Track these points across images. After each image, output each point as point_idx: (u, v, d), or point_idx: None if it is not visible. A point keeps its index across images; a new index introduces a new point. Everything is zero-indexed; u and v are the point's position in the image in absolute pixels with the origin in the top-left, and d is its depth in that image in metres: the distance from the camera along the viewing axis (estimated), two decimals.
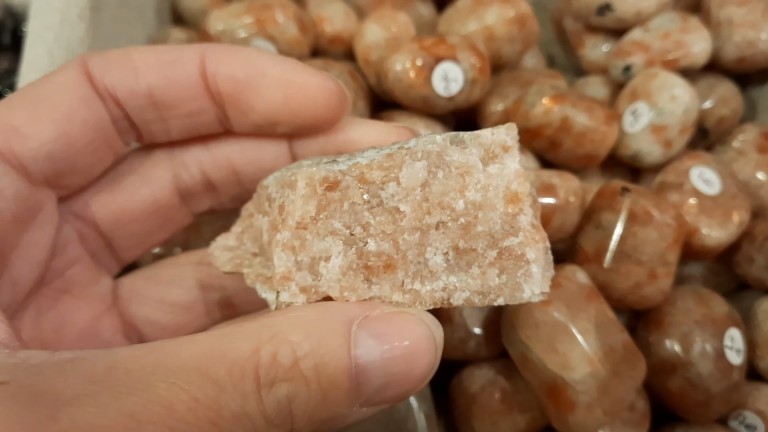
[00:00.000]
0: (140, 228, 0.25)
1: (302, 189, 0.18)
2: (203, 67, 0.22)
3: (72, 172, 0.22)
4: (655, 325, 0.33)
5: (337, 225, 0.18)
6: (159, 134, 0.24)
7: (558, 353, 0.28)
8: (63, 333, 0.23)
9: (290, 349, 0.16)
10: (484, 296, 0.19)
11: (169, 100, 0.23)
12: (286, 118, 0.23)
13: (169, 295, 0.26)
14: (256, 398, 0.15)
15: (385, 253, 0.18)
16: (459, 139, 0.18)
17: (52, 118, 0.20)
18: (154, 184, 0.24)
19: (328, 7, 0.44)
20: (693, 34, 0.41)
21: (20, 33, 0.52)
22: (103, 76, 0.22)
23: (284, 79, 0.22)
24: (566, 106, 0.36)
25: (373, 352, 0.16)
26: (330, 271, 0.18)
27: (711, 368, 0.31)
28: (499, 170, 0.18)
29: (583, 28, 0.46)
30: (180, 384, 0.15)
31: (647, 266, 0.31)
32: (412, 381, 0.17)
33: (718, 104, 0.42)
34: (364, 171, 0.18)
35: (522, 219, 0.18)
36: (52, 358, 0.15)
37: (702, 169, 0.36)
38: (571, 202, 0.33)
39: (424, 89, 0.36)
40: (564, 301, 0.29)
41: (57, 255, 0.23)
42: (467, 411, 0.33)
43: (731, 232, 0.35)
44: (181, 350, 0.16)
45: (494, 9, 0.40)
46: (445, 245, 0.18)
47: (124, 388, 0.14)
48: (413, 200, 0.18)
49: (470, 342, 0.33)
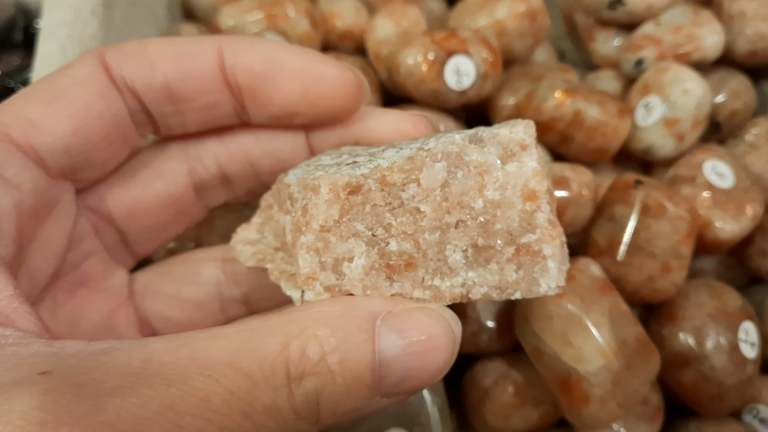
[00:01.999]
0: (155, 222, 0.25)
1: (326, 194, 0.18)
2: (221, 60, 0.22)
3: (88, 165, 0.22)
4: (669, 319, 0.33)
5: (360, 227, 0.18)
6: (175, 127, 0.24)
7: (572, 346, 0.28)
8: (78, 325, 0.23)
9: (318, 344, 0.16)
10: (501, 291, 0.19)
11: (187, 93, 0.23)
12: (305, 110, 0.23)
13: (184, 292, 0.26)
14: (287, 391, 0.16)
15: (406, 252, 0.19)
16: (478, 138, 0.19)
17: (69, 113, 0.20)
18: (168, 178, 0.24)
19: (338, 3, 0.44)
20: (705, 28, 0.41)
21: (32, 30, 0.53)
22: (121, 69, 0.22)
23: (303, 70, 0.22)
24: (578, 99, 0.36)
25: (395, 347, 0.17)
26: (353, 271, 0.18)
27: (725, 362, 0.31)
28: (517, 168, 0.19)
29: (594, 22, 0.46)
30: (215, 377, 0.15)
31: (660, 259, 0.31)
32: (429, 374, 0.18)
33: (731, 98, 0.42)
34: (385, 174, 0.18)
35: (539, 216, 0.19)
36: (88, 348, 0.16)
37: (715, 163, 0.36)
38: (584, 195, 0.33)
39: (436, 83, 0.36)
40: (578, 293, 0.29)
41: (73, 248, 0.23)
42: (480, 404, 0.33)
43: (744, 225, 0.35)
44: (212, 345, 0.16)
45: (505, 4, 0.40)
46: (464, 243, 0.19)
47: (162, 380, 0.15)
48: (433, 200, 0.18)
49: (483, 336, 0.33)
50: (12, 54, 0.52)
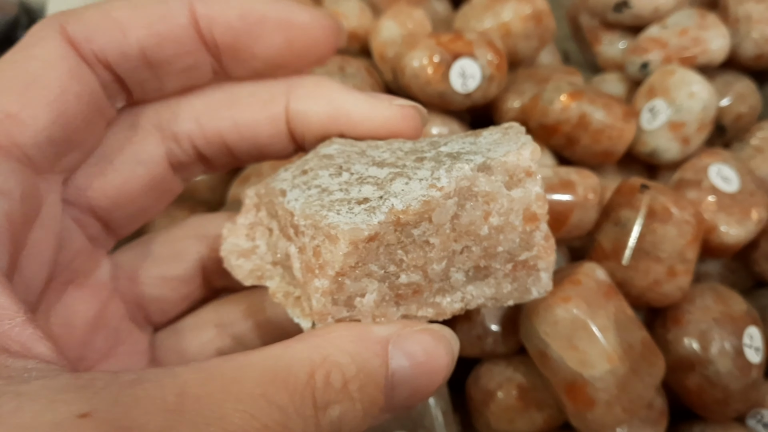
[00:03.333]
0: (138, 207, 0.24)
1: (344, 247, 0.18)
2: (194, 18, 0.21)
3: (71, 149, 0.21)
4: (674, 323, 0.33)
5: (373, 268, 0.19)
6: (152, 92, 0.23)
7: (577, 350, 0.28)
8: (73, 326, 0.23)
9: (340, 372, 0.17)
10: (497, 300, 0.20)
11: (163, 57, 0.22)
12: (289, 61, 0.23)
13: (171, 271, 0.26)
14: (315, 421, 0.16)
15: (415, 282, 0.19)
16: (486, 166, 0.19)
17: (46, 100, 0.19)
18: (148, 162, 0.24)
19: (343, 3, 0.44)
20: (711, 31, 0.41)
21: None
22: (90, 42, 0.20)
23: (285, 21, 0.22)
24: (584, 102, 0.36)
25: (405, 370, 0.18)
26: (365, 304, 0.19)
27: (730, 366, 0.31)
28: (521, 194, 0.19)
29: (599, 24, 0.46)
30: (251, 412, 0.15)
31: (666, 263, 0.31)
32: (430, 390, 0.19)
33: (736, 101, 0.41)
34: (400, 216, 0.18)
35: (537, 235, 0.20)
36: (118, 380, 0.15)
37: (720, 167, 0.36)
38: (589, 198, 0.32)
39: (442, 85, 0.36)
40: (583, 298, 0.29)
41: (63, 247, 0.23)
42: (484, 408, 0.33)
43: (750, 229, 0.35)
44: (243, 376, 0.16)
45: (510, 5, 0.40)
46: (467, 266, 0.20)
47: (200, 418, 0.15)
48: (443, 233, 0.19)
49: (488, 339, 0.33)
50: None
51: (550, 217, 0.20)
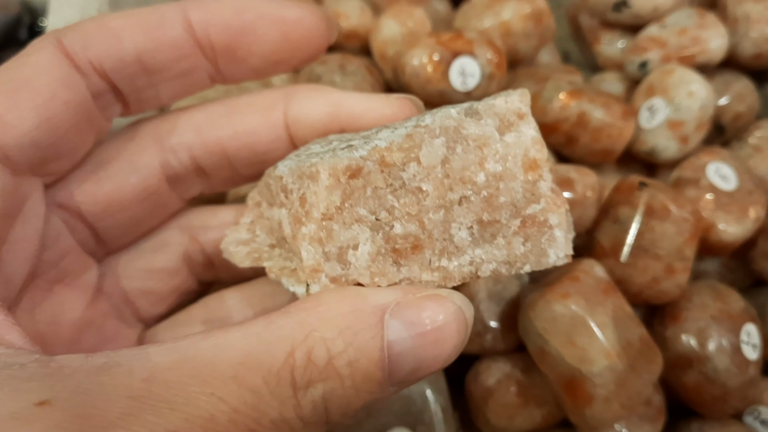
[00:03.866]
0: (129, 216, 0.24)
1: (325, 180, 0.18)
2: (188, 23, 0.22)
3: (57, 156, 0.21)
4: (672, 320, 0.33)
5: (363, 212, 0.18)
6: (149, 100, 0.23)
7: (576, 346, 0.28)
8: (59, 324, 0.23)
9: (324, 348, 0.16)
10: (510, 265, 0.19)
11: (159, 63, 0.22)
12: (285, 56, 0.23)
13: (156, 263, 0.26)
14: (293, 402, 0.16)
15: (411, 234, 0.18)
16: (473, 111, 0.18)
17: (33, 104, 0.20)
18: (142, 172, 0.24)
19: (344, 2, 0.44)
20: (710, 30, 0.41)
21: (37, 28, 0.53)
22: (86, 50, 0.21)
23: (278, 16, 0.22)
24: (583, 101, 0.36)
25: (406, 341, 0.17)
26: (359, 258, 0.18)
27: (727, 363, 0.31)
28: (516, 138, 0.18)
29: (598, 24, 0.46)
30: (219, 395, 0.15)
31: (664, 261, 0.32)
32: (440, 361, 0.17)
33: (735, 100, 0.42)
34: (384, 154, 0.18)
35: (542, 185, 0.19)
36: (86, 365, 0.15)
37: (718, 165, 0.36)
38: (588, 196, 0.33)
39: (441, 84, 0.36)
40: (582, 294, 0.29)
41: (48, 246, 0.23)
42: (483, 404, 0.33)
43: (747, 227, 0.35)
44: (216, 357, 0.15)
45: (510, 5, 0.40)
46: (469, 219, 0.18)
47: (165, 403, 0.14)
48: (435, 178, 0.18)
49: (487, 336, 0.33)
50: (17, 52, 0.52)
51: None
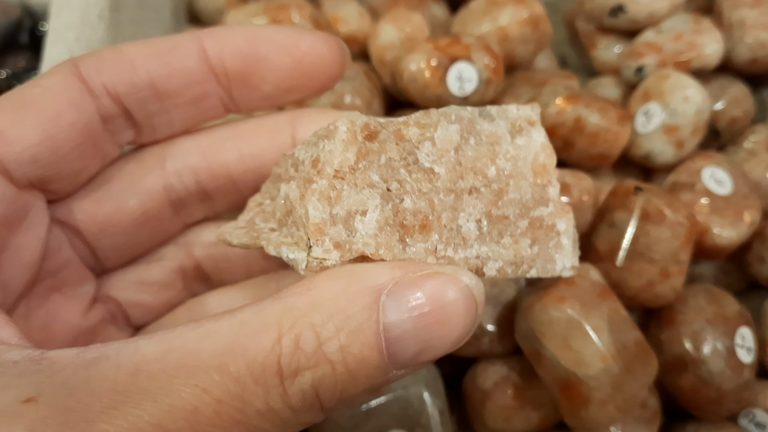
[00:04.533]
0: (127, 238, 0.24)
1: (343, 134, 0.17)
2: (202, 51, 0.22)
3: (59, 176, 0.22)
4: (667, 323, 0.33)
5: (375, 178, 0.17)
6: (161, 126, 0.24)
7: (572, 350, 0.28)
8: (52, 331, 0.23)
9: (313, 334, 0.15)
10: (516, 266, 0.19)
11: (172, 88, 0.22)
12: (299, 82, 0.23)
13: (150, 276, 0.26)
14: (280, 391, 0.15)
15: (421, 211, 0.18)
16: (486, 113, 0.19)
17: (37, 122, 0.20)
18: (143, 195, 0.24)
19: (342, 8, 0.44)
20: (705, 36, 0.41)
21: (38, 32, 0.53)
22: (99, 75, 0.21)
23: (291, 42, 0.22)
24: (579, 106, 0.37)
25: (406, 322, 0.16)
26: (366, 225, 0.17)
27: (722, 366, 0.32)
28: (526, 143, 0.19)
29: (595, 29, 0.47)
30: (203, 386, 0.15)
31: (660, 265, 0.32)
32: (450, 343, 0.16)
33: (730, 105, 0.42)
34: (401, 127, 0.18)
35: (551, 190, 0.19)
36: (77, 360, 0.15)
37: (714, 170, 0.37)
38: (584, 201, 0.33)
39: (439, 89, 0.36)
40: (577, 298, 0.29)
41: (49, 256, 0.23)
42: (480, 407, 0.33)
43: (742, 231, 0.35)
44: (202, 347, 0.15)
45: (508, 10, 0.41)
46: (478, 211, 0.18)
47: (148, 395, 0.14)
48: (447, 162, 0.18)
49: (484, 339, 0.33)
50: (18, 56, 0.52)
51: None
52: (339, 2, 0.45)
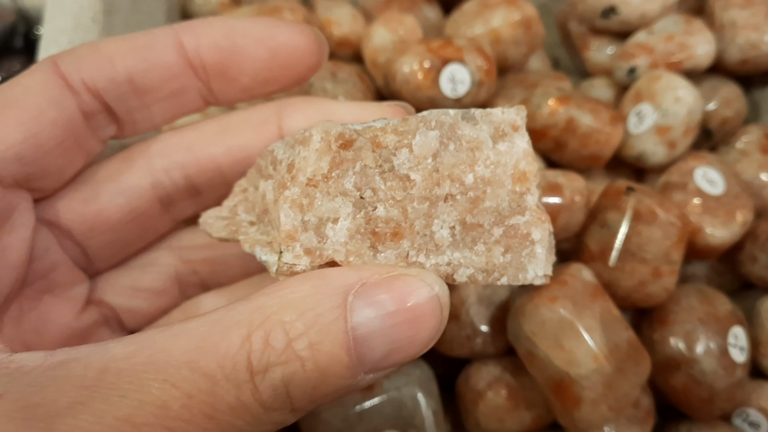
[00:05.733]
0: (117, 237, 0.24)
1: (317, 143, 0.18)
2: (180, 45, 0.22)
3: (43, 174, 0.22)
4: (660, 323, 0.33)
5: (348, 186, 0.18)
6: (142, 122, 0.24)
7: (564, 350, 0.28)
8: (44, 333, 0.23)
9: (282, 331, 0.15)
10: (488, 274, 0.18)
11: (151, 83, 0.22)
12: (277, 73, 0.23)
13: (144, 282, 0.26)
14: (251, 387, 0.15)
15: (393, 219, 0.18)
16: (470, 116, 0.19)
17: (19, 121, 0.20)
18: (131, 193, 0.24)
19: (336, 10, 0.44)
20: (697, 37, 0.41)
21: (33, 36, 0.53)
22: (79, 71, 0.21)
23: (267, 34, 0.22)
24: (571, 107, 0.37)
25: (373, 321, 0.16)
26: (337, 233, 0.18)
27: (715, 366, 0.32)
28: (508, 148, 0.18)
29: (587, 30, 0.47)
30: (172, 381, 0.15)
31: (652, 265, 0.32)
32: (417, 345, 0.17)
33: (722, 106, 0.42)
34: (378, 134, 0.18)
35: (529, 199, 0.19)
36: (45, 362, 0.15)
37: (706, 170, 0.37)
38: (576, 201, 0.33)
39: (432, 91, 0.36)
40: (570, 298, 0.29)
41: (39, 257, 0.23)
42: (473, 407, 0.33)
43: (734, 231, 0.35)
44: (172, 344, 0.15)
45: (500, 12, 0.41)
46: (452, 218, 0.18)
47: (116, 391, 0.14)
48: (424, 169, 0.18)
49: (477, 339, 0.33)
50: (12, 60, 0.52)
51: None
52: (332, 4, 0.45)
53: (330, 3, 0.45)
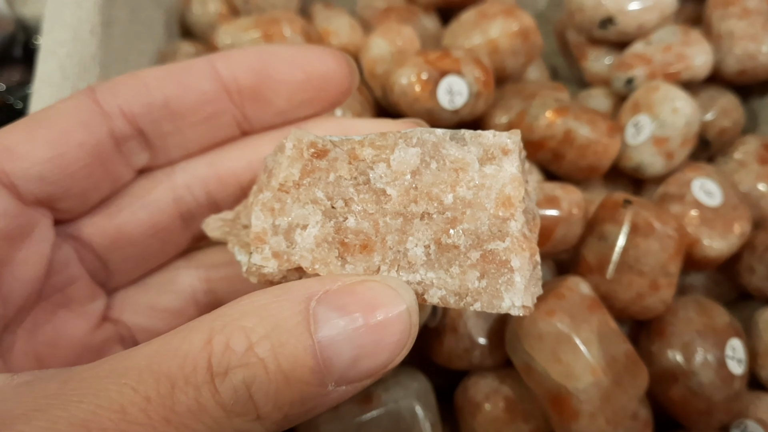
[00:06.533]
0: (137, 251, 0.25)
1: (289, 150, 0.18)
2: (215, 72, 0.23)
3: (67, 195, 0.22)
4: (657, 335, 0.33)
5: (320, 194, 0.18)
6: (175, 147, 0.24)
7: (561, 363, 0.28)
8: (57, 346, 0.23)
9: (243, 335, 0.15)
10: (460, 298, 0.18)
11: (186, 107, 0.23)
12: (311, 96, 0.23)
13: (161, 302, 0.26)
14: (210, 388, 0.15)
15: (363, 232, 0.18)
16: (459, 137, 0.18)
17: (46, 140, 0.21)
18: (152, 207, 0.24)
19: (334, 21, 0.44)
20: (694, 47, 0.41)
21: (32, 46, 0.53)
22: (115, 97, 0.22)
23: (300, 57, 0.23)
24: (569, 118, 0.37)
25: (336, 326, 0.16)
26: (305, 239, 0.18)
27: (712, 377, 0.32)
28: (495, 172, 0.18)
29: (585, 40, 0.47)
30: (131, 384, 0.15)
31: (649, 277, 0.32)
32: (386, 351, 0.16)
33: (720, 116, 0.42)
34: (355, 147, 0.18)
35: (512, 225, 0.18)
36: (11, 382, 0.15)
37: (703, 181, 0.37)
38: (574, 213, 0.33)
39: (429, 102, 0.37)
40: (567, 311, 0.29)
41: (57, 272, 0.23)
42: (471, 419, 0.33)
43: (732, 242, 0.35)
44: (136, 353, 0.15)
45: (498, 22, 0.41)
46: (427, 237, 0.18)
47: (75, 397, 0.14)
48: (401, 185, 0.18)
49: (475, 352, 0.33)
50: (12, 69, 0.53)
51: None
52: (330, 15, 0.45)
53: (328, 13, 0.45)
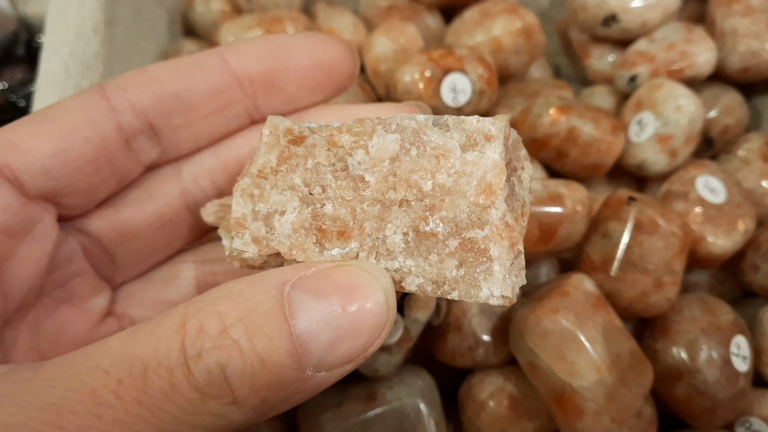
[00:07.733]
0: (145, 244, 0.25)
1: (266, 137, 0.18)
2: (225, 62, 0.23)
3: (72, 191, 0.22)
4: (662, 333, 0.33)
5: (297, 180, 0.18)
6: (185, 141, 0.24)
7: (566, 361, 0.28)
8: (60, 342, 0.23)
9: (217, 319, 0.16)
10: (437, 286, 0.18)
11: (197, 98, 0.23)
12: (320, 80, 0.24)
13: (166, 295, 0.26)
14: (184, 370, 0.15)
15: (340, 218, 0.18)
16: (443, 122, 0.18)
17: (51, 135, 0.21)
18: (160, 200, 0.24)
19: (337, 20, 0.44)
20: (698, 45, 0.41)
21: (35, 45, 0.53)
22: (125, 92, 0.22)
23: (309, 44, 0.23)
24: (572, 116, 0.37)
25: (311, 309, 0.16)
26: (283, 225, 0.18)
27: (717, 375, 0.32)
28: (476, 158, 0.18)
29: (588, 38, 0.47)
30: (103, 367, 0.15)
31: (653, 275, 0.32)
32: (364, 334, 0.16)
33: (723, 114, 0.42)
34: (333, 133, 0.18)
35: (492, 213, 0.17)
36: None
37: (707, 178, 0.37)
38: (578, 211, 0.33)
39: (433, 100, 0.37)
40: (571, 309, 0.29)
41: (59, 267, 0.23)
42: (476, 418, 0.33)
43: (736, 240, 0.35)
44: (111, 339, 0.15)
45: (501, 20, 0.41)
46: (405, 224, 0.18)
47: (46, 382, 0.14)
48: (380, 172, 0.18)
49: (479, 350, 0.33)
50: (15, 68, 0.53)
51: (539, 230, 0.19)
52: (333, 14, 0.45)
53: (331, 12, 0.45)
